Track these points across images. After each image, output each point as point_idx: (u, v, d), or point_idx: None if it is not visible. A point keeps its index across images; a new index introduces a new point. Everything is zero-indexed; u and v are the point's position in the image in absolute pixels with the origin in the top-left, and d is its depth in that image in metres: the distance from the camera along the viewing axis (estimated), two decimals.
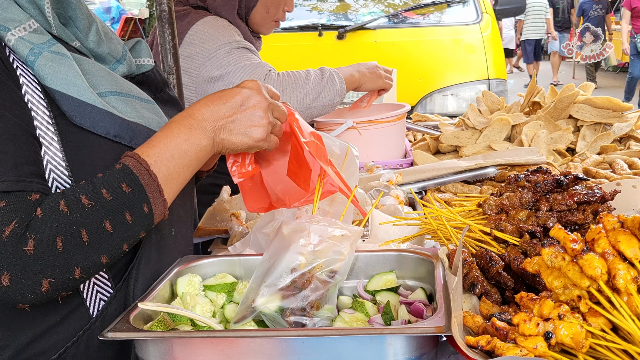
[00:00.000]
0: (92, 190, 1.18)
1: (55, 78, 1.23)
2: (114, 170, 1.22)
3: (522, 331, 1.01)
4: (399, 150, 2.71)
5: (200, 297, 1.35)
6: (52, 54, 1.24)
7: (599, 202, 1.45)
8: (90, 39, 1.39)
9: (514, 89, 9.53)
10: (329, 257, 1.27)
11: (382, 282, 1.38)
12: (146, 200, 1.22)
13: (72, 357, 1.27)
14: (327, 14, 5.73)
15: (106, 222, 1.16)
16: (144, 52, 1.56)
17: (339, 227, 1.32)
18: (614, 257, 1.05)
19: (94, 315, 1.30)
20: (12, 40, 1.22)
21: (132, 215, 1.20)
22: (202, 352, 1.09)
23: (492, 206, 1.55)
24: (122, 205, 1.19)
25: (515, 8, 6.30)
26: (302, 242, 1.28)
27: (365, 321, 1.29)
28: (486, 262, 1.31)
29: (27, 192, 1.13)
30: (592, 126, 2.65)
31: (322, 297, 1.25)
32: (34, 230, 1.10)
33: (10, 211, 1.09)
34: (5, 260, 1.07)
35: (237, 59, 2.42)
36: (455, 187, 2.25)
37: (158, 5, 2.36)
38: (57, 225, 1.12)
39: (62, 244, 1.11)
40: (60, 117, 1.25)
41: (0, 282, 1.07)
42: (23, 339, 1.24)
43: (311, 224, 1.31)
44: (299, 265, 1.26)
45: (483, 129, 2.72)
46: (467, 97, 5.09)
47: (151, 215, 1.24)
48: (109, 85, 1.34)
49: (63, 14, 1.35)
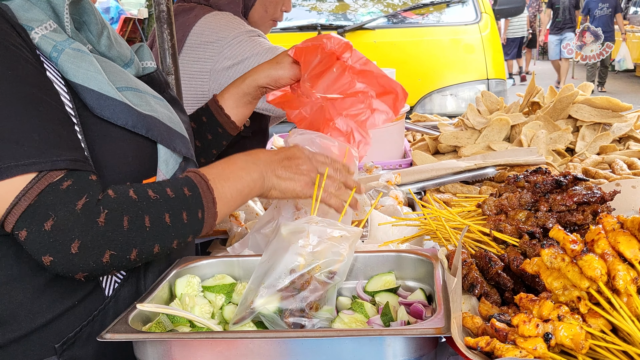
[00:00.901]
0: (157, 187, 1.30)
1: (78, 73, 1.32)
2: (178, 178, 1.36)
3: (521, 332, 1.00)
4: (398, 150, 2.70)
5: (199, 298, 1.35)
6: (73, 51, 1.33)
7: (599, 203, 1.45)
8: (102, 43, 1.47)
9: (512, 89, 9.47)
10: (328, 258, 1.27)
11: (382, 283, 1.38)
12: (201, 206, 1.33)
13: (87, 335, 1.33)
14: (326, 14, 5.73)
15: (167, 215, 1.27)
16: (147, 56, 1.65)
17: (337, 228, 1.32)
18: (614, 257, 1.05)
19: (108, 296, 1.38)
20: (36, 38, 1.30)
21: (188, 216, 1.31)
22: (200, 354, 1.09)
23: (492, 207, 1.54)
24: (181, 205, 1.30)
25: (514, 8, 6.30)
26: (301, 243, 1.28)
27: (365, 322, 1.29)
28: (485, 262, 1.31)
29: (87, 172, 1.23)
30: (592, 126, 2.65)
31: (321, 298, 1.25)
32: (107, 206, 1.20)
33: (79, 188, 1.19)
34: (78, 229, 1.16)
35: (253, 46, 2.46)
36: (454, 187, 2.24)
37: (157, 6, 2.35)
38: (126, 206, 1.22)
39: (128, 224, 1.21)
40: (82, 109, 1.33)
41: (70, 249, 1.15)
42: (42, 321, 1.31)
43: (310, 225, 1.31)
44: (298, 267, 1.26)
45: (482, 129, 2.72)
46: (466, 97, 5.09)
47: (202, 222, 1.34)
48: (124, 81, 1.42)
49: (78, 19, 1.44)
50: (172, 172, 1.44)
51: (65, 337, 1.31)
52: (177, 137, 1.47)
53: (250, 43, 2.47)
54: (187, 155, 1.49)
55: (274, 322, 1.22)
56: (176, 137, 1.46)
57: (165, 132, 1.43)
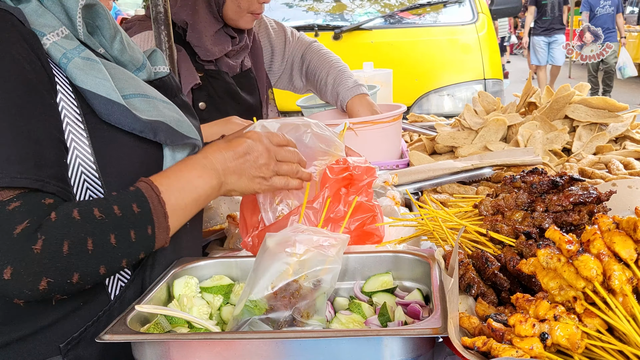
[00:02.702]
0: (104, 204, 1.26)
1: (86, 79, 1.33)
2: (128, 191, 1.31)
3: (518, 332, 1.01)
4: (395, 150, 2.70)
5: (197, 299, 1.36)
6: (82, 60, 1.34)
7: (595, 203, 1.46)
8: (115, 47, 1.49)
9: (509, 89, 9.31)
10: (315, 266, 1.27)
11: (379, 284, 1.38)
12: (151, 223, 1.30)
13: (92, 335, 1.32)
14: (323, 14, 5.73)
15: (112, 236, 1.23)
16: (160, 61, 1.66)
17: (324, 236, 1.32)
18: (609, 258, 1.06)
19: (113, 297, 1.39)
20: (47, 44, 1.32)
21: (136, 234, 1.27)
22: (198, 355, 1.09)
23: (488, 207, 1.55)
24: (129, 223, 1.26)
25: (511, 8, 6.31)
26: (288, 252, 1.28)
27: (362, 322, 1.29)
28: (482, 263, 1.32)
29: (43, 193, 1.21)
30: (588, 126, 2.66)
31: (310, 306, 1.25)
32: (45, 232, 1.16)
33: (25, 211, 1.16)
34: (11, 255, 1.13)
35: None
36: (451, 187, 2.25)
37: (154, 7, 2.36)
38: (67, 230, 1.19)
39: (68, 249, 1.18)
40: (90, 115, 1.34)
41: (2, 275, 1.12)
42: (47, 321, 1.32)
43: (296, 234, 1.31)
44: (286, 276, 1.26)
45: (479, 129, 2.73)
46: (463, 97, 5.10)
47: (153, 238, 1.31)
48: (133, 88, 1.43)
49: (91, 23, 1.45)
50: None
51: (70, 337, 1.31)
52: (186, 140, 1.47)
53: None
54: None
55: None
56: (185, 139, 1.46)
57: (172, 135, 1.43)
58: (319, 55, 2.88)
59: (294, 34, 2.95)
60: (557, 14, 12.80)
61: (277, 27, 2.93)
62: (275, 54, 2.92)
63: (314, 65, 2.87)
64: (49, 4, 1.36)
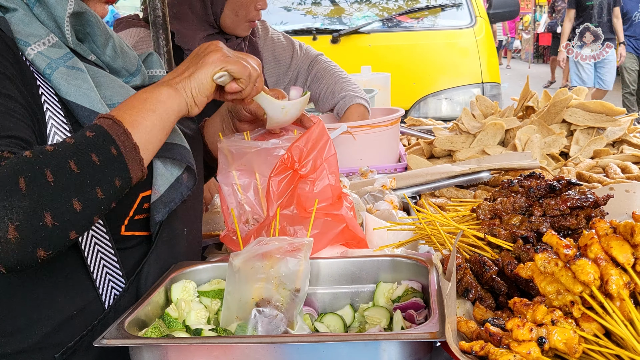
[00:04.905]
0: (57, 142, 1.20)
1: (70, 90, 1.32)
2: (82, 129, 1.23)
3: (515, 336, 1.01)
4: (393, 154, 2.71)
5: (194, 303, 1.36)
6: (67, 69, 1.34)
7: (592, 207, 1.46)
8: (106, 54, 1.48)
9: (507, 92, 9.09)
10: (286, 273, 1.29)
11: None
12: (113, 142, 1.19)
13: (87, 345, 1.32)
14: (322, 18, 5.73)
15: (71, 162, 1.13)
16: (156, 64, 1.66)
17: (288, 242, 1.33)
18: (607, 262, 1.06)
19: (108, 306, 1.38)
20: (31, 55, 1.31)
21: (98, 156, 1.16)
22: (196, 359, 1.09)
23: (486, 211, 1.55)
24: (86, 147, 1.16)
25: (509, 11, 6.32)
26: (257, 267, 1.29)
27: (340, 321, 1.32)
28: (480, 267, 1.32)
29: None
30: (586, 130, 2.66)
31: (292, 315, 1.26)
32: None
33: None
34: None
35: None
36: (449, 191, 2.25)
37: (152, 11, 2.36)
38: (18, 167, 1.09)
39: (25, 184, 1.07)
40: (76, 125, 1.34)
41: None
42: (42, 331, 1.32)
43: (260, 247, 1.32)
44: (260, 292, 1.28)
45: (477, 133, 2.73)
46: (461, 100, 5.10)
47: (122, 159, 1.19)
48: (121, 96, 1.41)
49: (82, 30, 1.44)
50: (167, 185, 1.42)
51: (65, 347, 1.31)
52: (175, 148, 1.44)
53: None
54: (188, 164, 1.45)
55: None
56: (174, 148, 1.43)
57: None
58: (325, 67, 2.95)
59: (302, 47, 3.00)
60: (606, 21, 9.61)
61: (285, 42, 2.97)
62: (280, 66, 2.96)
63: (320, 75, 2.93)
64: (38, 12, 1.35)
